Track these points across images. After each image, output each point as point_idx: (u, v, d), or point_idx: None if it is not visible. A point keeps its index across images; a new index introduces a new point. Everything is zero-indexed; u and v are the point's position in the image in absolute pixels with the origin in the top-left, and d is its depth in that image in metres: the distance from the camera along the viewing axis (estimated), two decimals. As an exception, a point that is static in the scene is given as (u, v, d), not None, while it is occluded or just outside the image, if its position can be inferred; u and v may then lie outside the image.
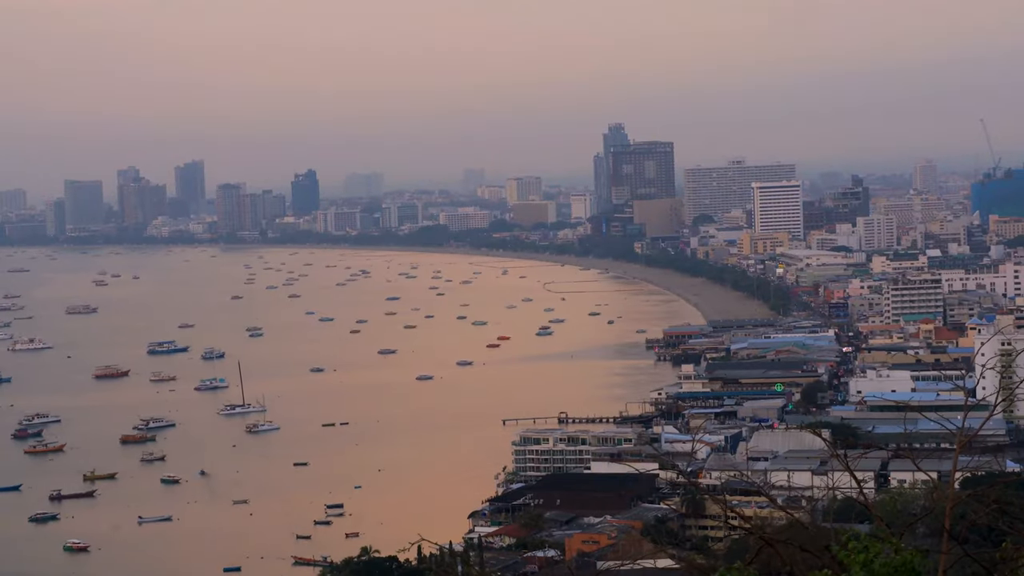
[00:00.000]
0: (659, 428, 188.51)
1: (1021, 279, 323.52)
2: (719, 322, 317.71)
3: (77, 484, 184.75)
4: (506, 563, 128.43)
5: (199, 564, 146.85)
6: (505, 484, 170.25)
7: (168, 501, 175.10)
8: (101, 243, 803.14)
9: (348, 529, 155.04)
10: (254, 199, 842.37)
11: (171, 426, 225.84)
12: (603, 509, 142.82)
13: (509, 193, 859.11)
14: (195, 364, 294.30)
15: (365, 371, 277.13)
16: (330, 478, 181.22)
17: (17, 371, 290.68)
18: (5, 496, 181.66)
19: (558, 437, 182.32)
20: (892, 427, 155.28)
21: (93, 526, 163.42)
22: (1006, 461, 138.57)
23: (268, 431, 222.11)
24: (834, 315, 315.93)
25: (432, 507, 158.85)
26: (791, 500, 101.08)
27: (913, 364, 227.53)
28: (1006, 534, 17.78)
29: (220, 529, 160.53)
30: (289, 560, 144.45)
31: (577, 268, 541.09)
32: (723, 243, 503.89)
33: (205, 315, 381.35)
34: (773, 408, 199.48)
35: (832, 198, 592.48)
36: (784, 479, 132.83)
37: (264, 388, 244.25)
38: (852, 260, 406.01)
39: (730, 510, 21.47)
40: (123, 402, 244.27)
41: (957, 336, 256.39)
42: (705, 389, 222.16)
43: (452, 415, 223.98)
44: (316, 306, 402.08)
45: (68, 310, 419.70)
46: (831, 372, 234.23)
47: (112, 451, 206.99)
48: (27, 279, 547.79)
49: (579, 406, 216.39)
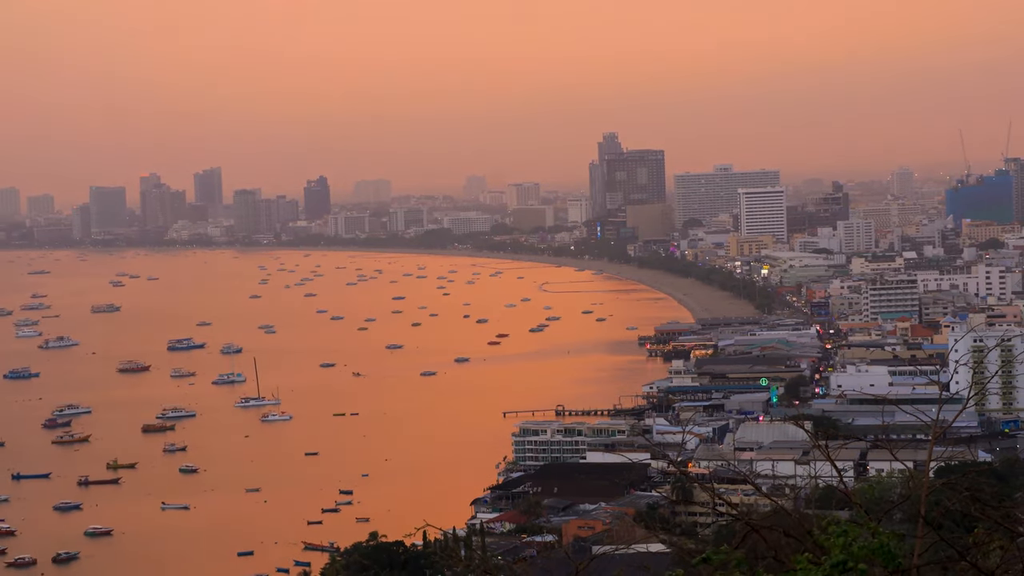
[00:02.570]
0: (651, 420, 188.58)
1: (992, 280, 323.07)
2: (707, 320, 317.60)
3: (102, 472, 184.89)
4: (506, 547, 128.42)
5: (215, 548, 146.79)
6: (505, 473, 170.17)
7: (187, 489, 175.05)
8: (124, 246, 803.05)
9: (357, 515, 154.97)
10: (269, 204, 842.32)
11: (191, 416, 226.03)
12: (598, 496, 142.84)
13: (509, 198, 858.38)
14: (213, 359, 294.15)
15: (373, 366, 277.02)
16: (340, 467, 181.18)
17: (45, 366, 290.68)
18: (36, 482, 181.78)
19: (555, 428, 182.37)
20: (871, 419, 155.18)
21: (117, 512, 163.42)
22: (978, 451, 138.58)
23: (281, 422, 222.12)
24: (816, 313, 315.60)
25: (436, 494, 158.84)
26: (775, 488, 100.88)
27: (890, 360, 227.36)
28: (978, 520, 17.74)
29: (235, 515, 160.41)
30: (300, 545, 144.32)
31: (573, 269, 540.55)
32: (711, 245, 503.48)
33: (224, 313, 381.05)
34: (758, 401, 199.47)
35: (814, 203, 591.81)
36: (769, 468, 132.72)
37: (278, 382, 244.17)
38: (833, 262, 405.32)
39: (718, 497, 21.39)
40: (145, 395, 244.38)
41: (932, 333, 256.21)
42: (694, 383, 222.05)
43: (455, 408, 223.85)
44: (327, 305, 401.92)
45: (93, 309, 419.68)
46: (813, 367, 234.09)
47: (135, 441, 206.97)
48: (53, 280, 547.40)
49: (575, 399, 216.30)
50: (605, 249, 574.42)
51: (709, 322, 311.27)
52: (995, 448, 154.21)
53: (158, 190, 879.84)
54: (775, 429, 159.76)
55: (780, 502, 19.20)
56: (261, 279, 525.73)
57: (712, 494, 23.88)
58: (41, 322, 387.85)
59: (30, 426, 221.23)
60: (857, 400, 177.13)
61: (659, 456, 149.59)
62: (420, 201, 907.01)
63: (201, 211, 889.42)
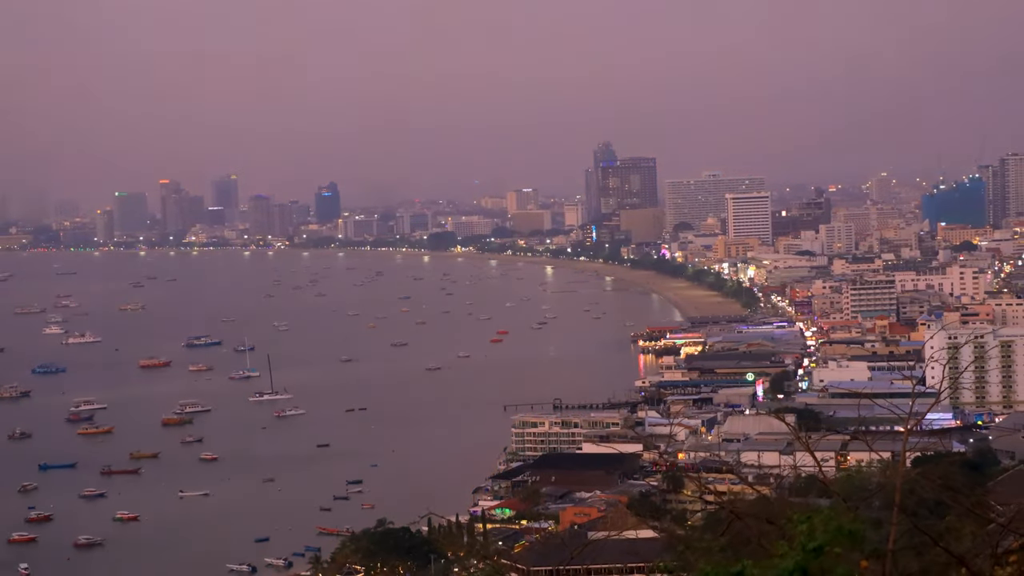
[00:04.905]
0: (643, 413, 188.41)
1: (966, 280, 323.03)
2: (697, 319, 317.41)
3: (124, 462, 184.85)
4: (506, 534, 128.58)
5: (233, 534, 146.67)
6: (506, 463, 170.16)
7: (205, 478, 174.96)
8: (145, 248, 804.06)
9: (366, 503, 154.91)
10: (282, 208, 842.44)
11: (207, 411, 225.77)
12: (593, 485, 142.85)
13: (509, 203, 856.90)
14: (229, 356, 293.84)
15: (381, 362, 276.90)
16: (349, 457, 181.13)
17: (71, 362, 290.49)
18: (63, 472, 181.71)
19: (553, 421, 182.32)
20: (850, 412, 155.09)
21: (139, 499, 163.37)
22: (952, 443, 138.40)
23: (294, 415, 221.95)
24: (799, 312, 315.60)
25: (440, 483, 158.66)
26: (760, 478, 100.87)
27: (869, 356, 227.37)
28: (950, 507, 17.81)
29: (251, 503, 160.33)
30: (313, 531, 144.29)
31: (570, 270, 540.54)
32: (700, 248, 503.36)
33: (239, 312, 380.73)
34: (744, 395, 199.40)
35: (797, 207, 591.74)
36: (754, 459, 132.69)
37: (291, 377, 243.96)
38: (815, 263, 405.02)
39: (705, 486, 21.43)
40: (164, 390, 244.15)
41: (909, 331, 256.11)
42: (684, 378, 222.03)
43: (458, 401, 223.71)
44: (338, 304, 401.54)
45: (116, 307, 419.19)
46: (796, 363, 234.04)
47: (155, 433, 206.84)
48: (79, 280, 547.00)
49: (572, 393, 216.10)
50: (600, 251, 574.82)
51: (698, 320, 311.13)
52: (968, 440, 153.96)
53: (177, 196, 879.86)
54: (760, 422, 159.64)
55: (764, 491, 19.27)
56: (274, 280, 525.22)
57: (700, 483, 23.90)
58: (68, 320, 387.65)
59: (55, 419, 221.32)
60: (838, 394, 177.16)
61: (650, 447, 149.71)
62: (425, 205, 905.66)
63: (218, 215, 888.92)
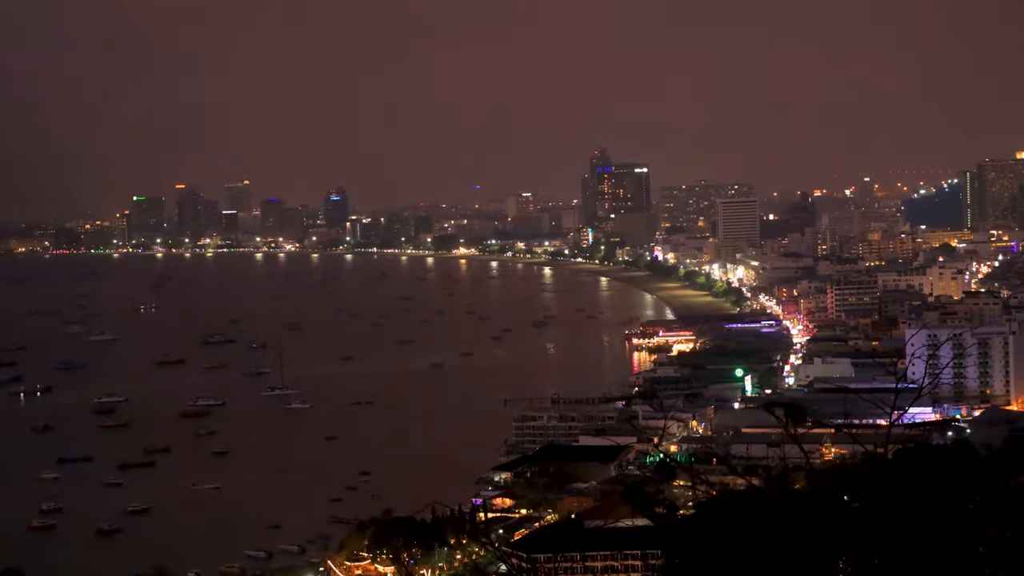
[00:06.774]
0: (637, 407, 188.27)
1: (945, 280, 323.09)
2: (688, 317, 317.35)
3: (140, 455, 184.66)
4: (507, 523, 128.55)
5: (246, 523, 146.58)
6: (506, 455, 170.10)
7: (218, 470, 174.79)
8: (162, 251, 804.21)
9: (373, 493, 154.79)
10: (292, 212, 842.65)
11: (221, 405, 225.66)
12: (590, 476, 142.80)
13: (509, 207, 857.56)
14: (242, 353, 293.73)
15: (386, 359, 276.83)
16: (357, 450, 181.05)
17: (90, 359, 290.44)
18: (80, 465, 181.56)
19: (551, 414, 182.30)
20: (835, 406, 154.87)
21: (153, 491, 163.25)
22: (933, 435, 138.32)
23: (304, 409, 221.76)
24: (786, 311, 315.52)
25: (444, 474, 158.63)
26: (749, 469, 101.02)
27: (853, 353, 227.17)
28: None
29: (263, 493, 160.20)
30: (325, 519, 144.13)
31: (567, 272, 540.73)
32: (691, 250, 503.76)
33: (252, 311, 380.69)
34: (735, 390, 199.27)
35: (784, 212, 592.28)
36: (743, 451, 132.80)
37: (301, 373, 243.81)
38: (801, 264, 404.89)
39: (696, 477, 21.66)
40: (179, 385, 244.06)
41: (891, 329, 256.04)
42: (676, 374, 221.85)
43: (461, 396, 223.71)
44: (345, 303, 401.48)
45: (133, 307, 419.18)
46: (783, 359, 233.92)
47: (170, 426, 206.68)
48: (98, 281, 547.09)
49: (569, 388, 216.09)
50: (596, 253, 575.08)
51: (690, 319, 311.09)
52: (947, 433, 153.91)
53: (193, 200, 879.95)
54: (749, 415, 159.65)
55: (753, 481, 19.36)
56: (286, 280, 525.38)
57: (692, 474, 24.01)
58: (87, 319, 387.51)
59: (78, 412, 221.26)
60: (823, 389, 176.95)
61: (644, 440, 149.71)
62: (428, 208, 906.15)
63: (232, 219, 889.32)
